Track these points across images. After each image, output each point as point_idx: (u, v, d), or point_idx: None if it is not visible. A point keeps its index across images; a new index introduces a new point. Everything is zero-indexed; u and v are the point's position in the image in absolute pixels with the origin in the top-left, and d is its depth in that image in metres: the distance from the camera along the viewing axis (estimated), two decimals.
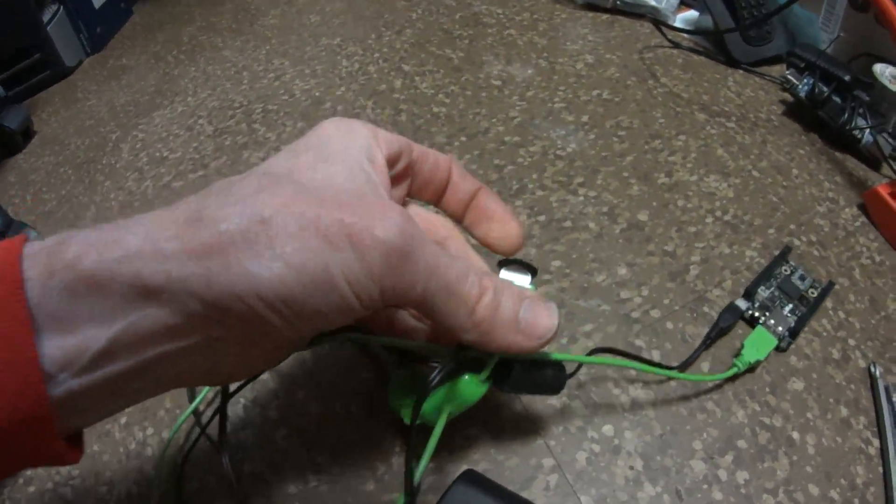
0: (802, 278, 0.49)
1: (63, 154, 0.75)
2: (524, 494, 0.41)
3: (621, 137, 0.60)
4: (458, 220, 0.38)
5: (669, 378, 0.44)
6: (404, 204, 0.36)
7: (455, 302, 0.28)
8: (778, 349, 0.46)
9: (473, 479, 0.35)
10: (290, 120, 0.68)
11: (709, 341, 0.45)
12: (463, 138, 0.62)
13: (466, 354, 0.32)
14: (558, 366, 0.37)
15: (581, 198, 0.55)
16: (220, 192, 0.25)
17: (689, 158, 0.57)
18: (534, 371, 0.35)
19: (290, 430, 0.44)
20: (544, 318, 0.31)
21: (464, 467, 0.39)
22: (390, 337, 0.38)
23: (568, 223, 0.53)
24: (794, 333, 0.46)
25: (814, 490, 0.41)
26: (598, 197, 0.55)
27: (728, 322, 0.46)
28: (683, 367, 0.44)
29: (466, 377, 0.33)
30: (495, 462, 0.42)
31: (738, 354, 0.45)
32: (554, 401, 0.44)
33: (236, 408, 0.46)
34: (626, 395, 0.44)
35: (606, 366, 0.45)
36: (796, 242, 0.51)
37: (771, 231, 0.52)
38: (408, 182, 0.35)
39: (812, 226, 0.53)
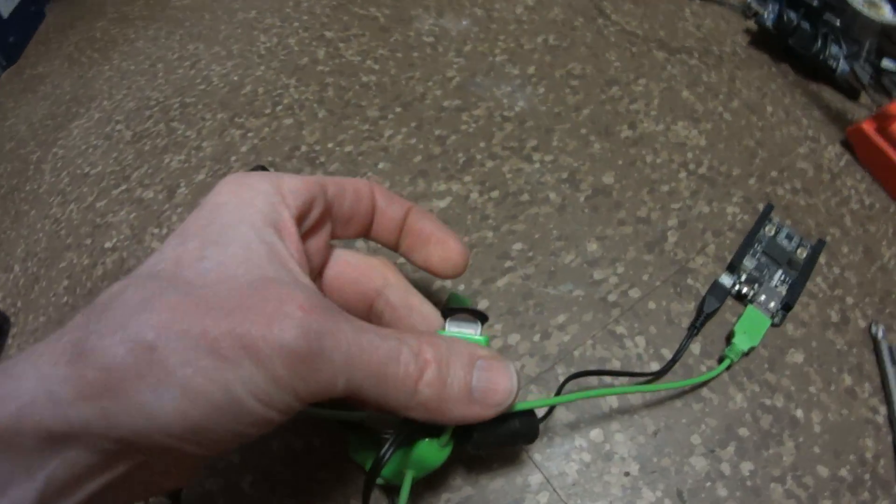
0: (789, 237, 0.43)
1: None
2: None
3: (574, 88, 0.53)
4: (392, 248, 0.34)
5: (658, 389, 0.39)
6: (328, 251, 0.32)
7: (389, 388, 0.24)
8: (772, 325, 0.41)
9: None
10: (208, 112, 0.60)
11: (694, 331, 0.40)
12: (398, 109, 0.54)
13: (415, 426, 0.28)
14: (526, 413, 0.31)
15: (537, 164, 0.48)
16: (102, 312, 0.22)
17: (653, 105, 0.51)
18: (499, 425, 0.30)
19: (255, 476, 0.38)
20: (502, 382, 0.27)
21: (446, 496, 0.36)
22: (334, 410, 0.34)
23: (525, 196, 0.47)
24: (787, 306, 0.41)
25: (823, 471, 0.37)
26: (556, 161, 0.48)
27: (714, 306, 0.41)
28: (666, 370, 0.39)
29: (425, 442, 0.28)
30: (478, 485, 0.37)
31: (728, 342, 0.40)
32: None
33: None
34: (614, 395, 0.39)
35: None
36: (780, 192, 0.46)
37: (752, 181, 0.46)
38: (328, 226, 0.30)
39: (795, 170, 0.47)
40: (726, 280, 0.42)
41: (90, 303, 0.23)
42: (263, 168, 0.46)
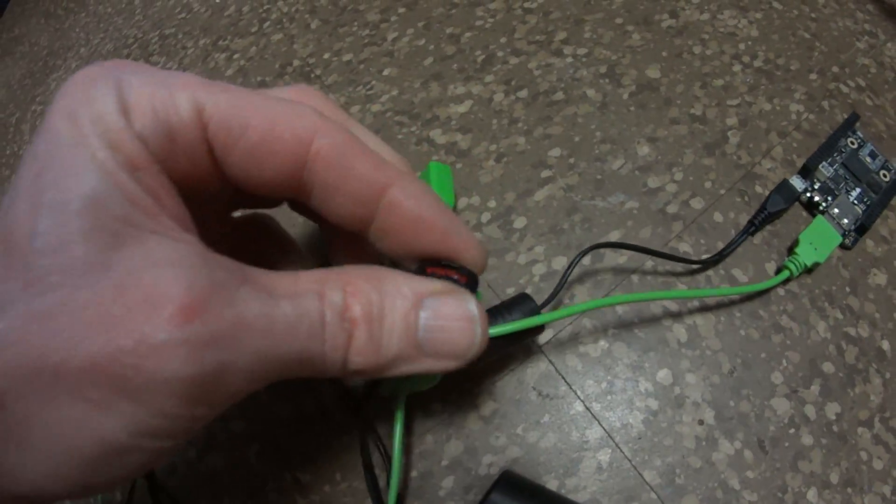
0: (873, 156, 0.34)
1: None
2: (570, 481, 0.27)
3: None
4: (354, 229, 0.20)
5: (695, 297, 0.29)
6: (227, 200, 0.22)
7: (316, 366, 0.17)
8: (842, 247, 0.32)
9: (511, 484, 0.24)
10: (190, 40, 0.49)
11: (751, 227, 0.31)
12: (401, 9, 0.42)
13: None
14: (520, 298, 0.26)
15: (569, 59, 0.37)
16: None
17: None
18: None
19: (262, 445, 0.29)
20: (458, 326, 0.19)
21: (488, 459, 0.28)
22: None
23: (559, 95, 0.35)
24: (862, 228, 0.32)
25: None
26: (591, 55, 0.37)
27: (778, 206, 0.31)
28: (715, 261, 0.30)
29: None
30: (525, 444, 0.28)
31: (791, 251, 0.30)
32: (590, 348, 0.28)
33: None
34: (681, 324, 0.29)
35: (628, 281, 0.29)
36: (844, 89, 0.36)
37: (813, 76, 0.36)
38: (214, 174, 0.18)
39: (856, 67, 0.37)
40: (797, 183, 0.32)
41: None
42: None
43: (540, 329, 0.27)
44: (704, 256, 0.30)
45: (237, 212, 0.23)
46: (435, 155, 0.35)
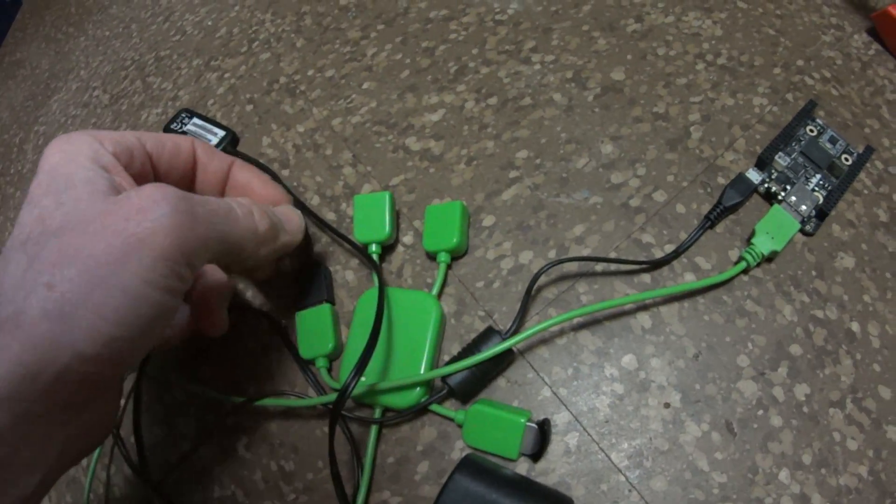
0: (833, 141, 0.34)
1: None
2: (540, 464, 0.28)
3: None
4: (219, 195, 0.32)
5: (650, 297, 0.30)
6: None
7: (239, 231, 0.26)
8: (803, 233, 0.32)
9: (473, 466, 0.25)
10: (184, 61, 0.51)
11: (707, 222, 0.31)
12: (380, 27, 0.43)
13: None
14: (486, 333, 0.29)
15: (537, 66, 0.38)
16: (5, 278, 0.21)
17: None
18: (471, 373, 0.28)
19: (250, 438, 0.31)
20: (292, 215, 0.30)
21: (460, 444, 0.29)
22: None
23: (527, 100, 0.36)
24: (822, 214, 0.32)
25: (885, 392, 0.29)
26: (558, 61, 0.38)
27: (734, 200, 0.32)
28: (668, 260, 0.30)
29: None
30: None
31: (749, 242, 0.31)
32: (556, 337, 0.29)
33: (188, 420, 0.33)
34: (645, 312, 0.30)
35: (598, 273, 0.30)
36: (809, 81, 0.36)
37: (777, 71, 0.36)
38: (152, 175, 0.29)
39: (822, 60, 0.37)
40: (753, 175, 0.32)
41: None
42: (190, 111, 0.41)
43: (511, 355, 0.29)
44: (660, 254, 0.31)
45: None
46: (409, 161, 0.36)
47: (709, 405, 0.28)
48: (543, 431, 0.26)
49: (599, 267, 0.31)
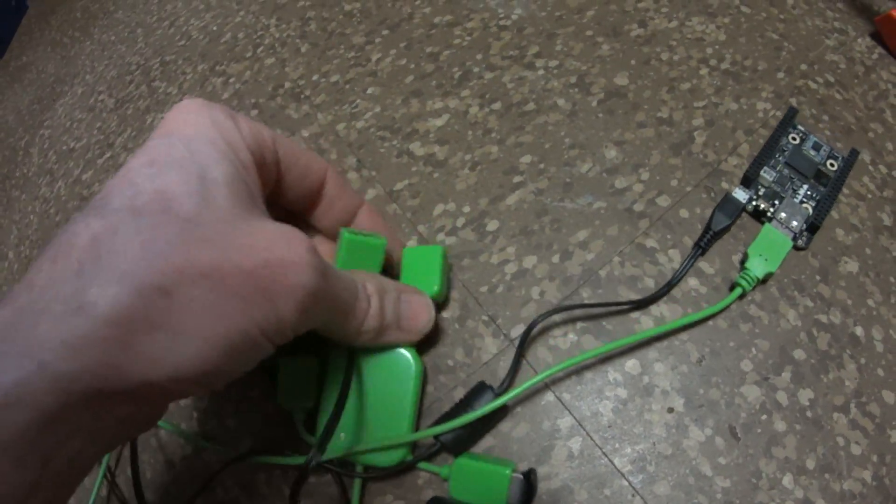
0: (817, 147, 0.33)
1: None
2: (542, 468, 0.28)
3: None
4: (333, 239, 0.30)
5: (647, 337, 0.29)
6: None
7: (349, 321, 0.24)
8: (796, 248, 0.32)
9: None
10: (189, 66, 0.51)
11: (698, 251, 0.31)
12: (385, 32, 0.44)
13: None
14: (478, 389, 0.28)
15: (541, 71, 0.38)
16: (94, 259, 0.17)
17: (663, 2, 0.40)
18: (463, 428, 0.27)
19: (255, 440, 0.31)
20: (422, 314, 0.28)
21: None
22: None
23: (531, 105, 0.36)
24: (813, 227, 0.32)
25: (889, 397, 0.29)
26: (562, 66, 0.38)
27: (723, 224, 0.31)
28: (657, 297, 0.30)
29: None
30: (498, 434, 0.29)
31: (742, 266, 0.30)
32: (559, 340, 0.29)
33: (190, 422, 0.31)
34: (649, 317, 0.30)
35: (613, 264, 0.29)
36: (812, 86, 0.36)
37: (780, 75, 0.36)
38: (270, 184, 0.25)
39: (825, 64, 0.37)
40: (740, 195, 0.32)
41: (51, 247, 0.18)
42: None
43: (504, 410, 0.28)
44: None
45: None
46: (414, 166, 0.36)
47: (712, 410, 0.28)
48: (529, 482, 0.26)
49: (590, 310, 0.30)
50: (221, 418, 0.32)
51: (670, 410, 0.28)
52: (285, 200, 0.27)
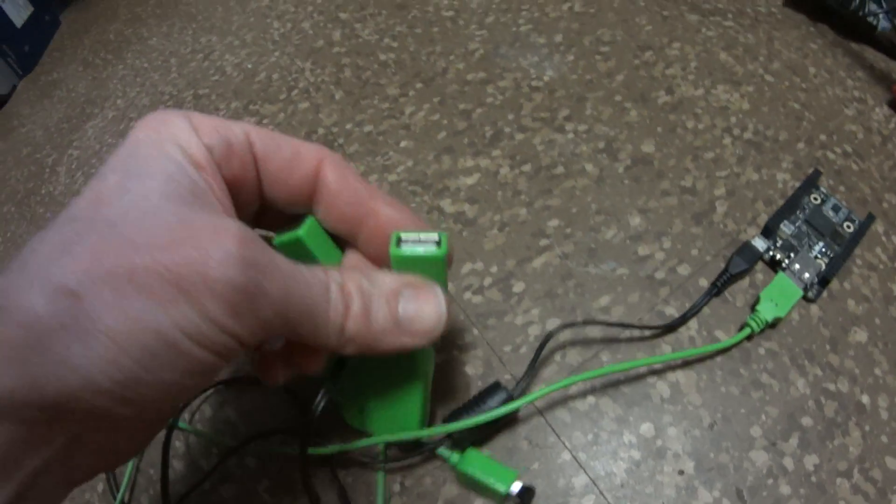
0: (836, 209, 0.35)
1: (4, 191, 0.62)
2: None
3: (605, 55, 0.45)
4: (346, 238, 0.27)
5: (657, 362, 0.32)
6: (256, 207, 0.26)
7: (319, 325, 0.21)
8: (805, 299, 0.33)
9: None
10: (222, 102, 0.53)
11: (714, 290, 0.33)
12: (419, 85, 0.46)
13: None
14: (493, 388, 0.30)
15: (570, 135, 0.40)
16: (21, 265, 0.18)
17: (690, 69, 0.42)
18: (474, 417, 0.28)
19: (271, 481, 0.32)
20: (429, 309, 0.24)
21: (480, 502, 0.29)
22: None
23: (560, 169, 0.38)
24: (825, 280, 0.33)
25: (891, 463, 0.30)
26: (591, 131, 0.40)
27: (740, 267, 0.34)
28: (675, 326, 0.32)
29: None
30: None
31: (753, 308, 0.32)
32: (578, 402, 0.31)
33: (192, 451, 0.33)
34: (664, 382, 0.31)
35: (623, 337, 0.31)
36: (830, 156, 0.37)
37: (800, 145, 0.38)
38: (254, 183, 0.24)
39: (844, 134, 0.39)
40: (759, 243, 0.34)
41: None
42: None
43: (514, 412, 0.29)
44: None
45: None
46: (444, 223, 0.38)
47: (721, 473, 0.29)
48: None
49: (607, 333, 0.33)
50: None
51: (681, 472, 0.29)
52: (278, 197, 0.25)
